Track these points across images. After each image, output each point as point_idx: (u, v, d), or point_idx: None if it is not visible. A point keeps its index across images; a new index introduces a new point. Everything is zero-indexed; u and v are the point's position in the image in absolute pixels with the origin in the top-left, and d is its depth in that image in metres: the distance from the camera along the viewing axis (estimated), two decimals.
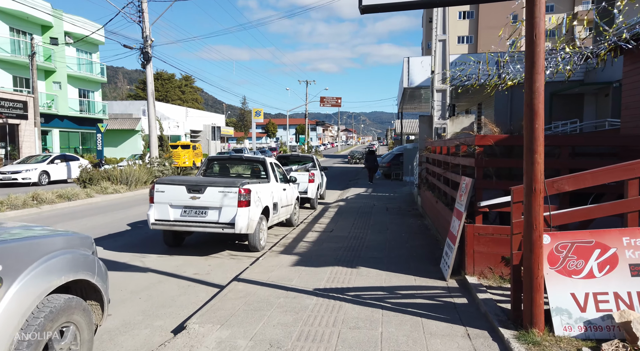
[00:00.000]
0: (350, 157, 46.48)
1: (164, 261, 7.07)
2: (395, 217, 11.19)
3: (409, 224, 10.14)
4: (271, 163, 9.21)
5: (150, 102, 19.26)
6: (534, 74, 3.79)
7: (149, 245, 8.21)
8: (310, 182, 13.23)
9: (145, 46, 18.82)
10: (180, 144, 36.33)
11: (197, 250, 7.92)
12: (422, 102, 30.65)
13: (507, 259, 5.41)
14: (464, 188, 5.85)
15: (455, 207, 6.16)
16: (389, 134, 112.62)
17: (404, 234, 8.90)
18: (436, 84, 12.70)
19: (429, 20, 63.03)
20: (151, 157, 19.24)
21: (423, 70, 21.50)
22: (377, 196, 16.34)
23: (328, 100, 46.47)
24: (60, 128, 34.67)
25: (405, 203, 14.03)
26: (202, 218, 7.22)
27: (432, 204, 9.45)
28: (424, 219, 10.80)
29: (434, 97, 12.78)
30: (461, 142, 6.14)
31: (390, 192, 17.57)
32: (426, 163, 11.56)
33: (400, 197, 16.03)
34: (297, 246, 7.89)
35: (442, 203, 7.80)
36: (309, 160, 15.24)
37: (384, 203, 14.26)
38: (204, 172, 9.22)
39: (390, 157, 25.40)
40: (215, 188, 7.19)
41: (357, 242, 8.19)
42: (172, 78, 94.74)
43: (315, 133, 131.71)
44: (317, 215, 11.88)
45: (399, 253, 7.24)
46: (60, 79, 34.15)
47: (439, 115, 12.75)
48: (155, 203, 7.33)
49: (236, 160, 9.42)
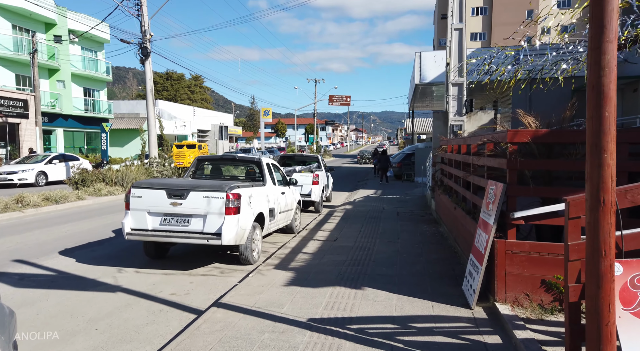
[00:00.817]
0: (360, 156, 45.37)
1: (140, 277, 6.14)
2: (407, 223, 10.16)
3: (423, 232, 9.10)
4: (268, 164, 8.24)
5: (149, 100, 18.43)
6: (603, 42, 2.75)
7: (129, 256, 7.29)
8: (315, 183, 12.25)
9: (144, 41, 18.00)
10: (186, 144, 35.61)
11: (182, 262, 6.98)
12: (433, 99, 29.51)
13: (550, 283, 4.38)
14: (492, 195, 4.82)
15: (480, 217, 5.13)
16: (399, 134, 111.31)
17: (418, 244, 7.86)
18: (452, 77, 11.64)
19: (441, 17, 61.66)
20: (150, 156, 18.42)
21: (436, 66, 20.40)
22: (387, 199, 15.29)
23: (337, 99, 45.41)
24: (64, 128, 34.15)
25: (418, 207, 12.97)
26: (184, 228, 6.28)
27: (448, 210, 8.41)
28: (439, 226, 9.74)
29: (449, 92, 11.71)
30: (489, 139, 5.10)
31: (401, 194, 16.51)
32: (441, 164, 10.51)
33: (411, 199, 14.97)
34: (295, 258, 6.91)
35: (463, 210, 6.75)
36: (313, 160, 14.25)
37: (394, 206, 13.22)
38: (193, 173, 8.28)
39: (401, 157, 24.31)
40: (199, 193, 6.24)
41: (364, 253, 7.18)
42: (181, 78, 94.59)
43: (325, 133, 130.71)
44: (321, 221, 10.89)
45: (413, 270, 6.22)
46: (64, 78, 33.62)
47: (454, 111, 11.69)
48: (132, 210, 6.39)
49: (229, 160, 8.45)
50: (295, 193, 9.68)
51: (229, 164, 8.75)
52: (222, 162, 8.52)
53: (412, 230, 9.35)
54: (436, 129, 12.18)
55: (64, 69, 33.38)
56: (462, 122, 11.62)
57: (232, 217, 6.23)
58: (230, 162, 8.61)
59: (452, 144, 8.60)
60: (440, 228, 9.47)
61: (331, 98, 45.47)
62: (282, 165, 14.47)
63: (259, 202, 7.15)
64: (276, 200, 8.10)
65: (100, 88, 38.42)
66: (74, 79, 34.66)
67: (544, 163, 4.52)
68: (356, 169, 35.15)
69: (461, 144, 7.40)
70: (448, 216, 8.47)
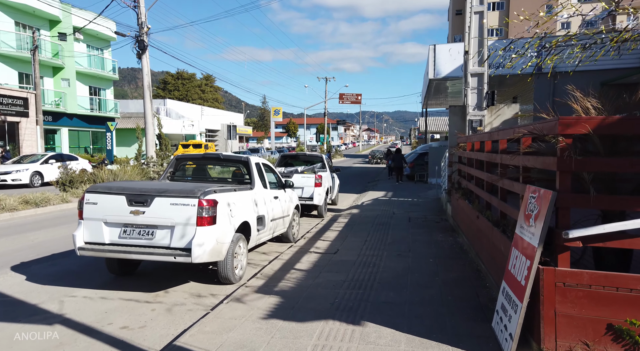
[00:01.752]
0: (371, 156, 44.06)
1: (93, 303, 5.04)
2: (420, 231, 8.93)
3: (438, 242, 7.86)
4: (258, 164, 7.10)
5: (146, 96, 17.48)
6: None
7: (92, 272, 6.21)
8: (317, 185, 11.08)
9: (140, 34, 17.03)
10: (192, 143, 34.80)
11: (151, 280, 5.88)
12: (448, 96, 28.14)
13: (620, 330, 3.15)
14: (533, 205, 3.60)
15: (516, 234, 3.92)
16: (412, 133, 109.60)
17: (432, 259, 6.64)
18: (471, 66, 10.36)
19: (455, 13, 59.96)
20: (147, 156, 17.46)
21: (451, 59, 19.09)
22: (398, 202, 14.06)
23: (347, 97, 44.17)
24: (69, 127, 33.54)
25: (432, 212, 11.72)
26: (147, 241, 5.17)
27: (468, 218, 7.18)
28: (456, 235, 8.50)
29: (467, 83, 10.44)
30: (529, 131, 3.86)
31: (414, 197, 15.25)
32: (459, 164, 9.26)
33: (425, 203, 13.71)
34: (284, 277, 5.76)
35: (488, 220, 5.53)
36: (317, 160, 13.09)
37: (405, 211, 11.99)
38: (172, 175, 7.17)
39: (414, 157, 23.01)
40: (165, 199, 5.12)
41: (368, 271, 5.99)
42: (192, 77, 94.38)
43: (337, 132, 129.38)
44: (323, 227, 9.72)
45: (426, 295, 5.02)
46: (69, 76, 32.99)
47: (474, 105, 10.41)
48: (85, 220, 5.30)
49: (212, 159, 7.30)
50: (293, 198, 8.53)
51: (213, 164, 7.61)
52: (204, 161, 7.39)
53: (425, 240, 8.12)
54: (453, 125, 10.91)
55: (68, 67, 32.76)
56: (482, 117, 10.35)
57: (205, 228, 5.11)
58: (214, 162, 7.47)
59: (472, 141, 7.35)
60: (459, 238, 8.23)
61: (341, 96, 44.25)
62: (284, 165, 13.35)
63: (243, 208, 6.02)
64: (267, 205, 6.96)
65: (106, 87, 37.79)
66: (79, 77, 34.04)
67: (616, 163, 3.27)
68: (367, 169, 33.89)
69: (485, 140, 6.17)
70: (468, 225, 7.23)
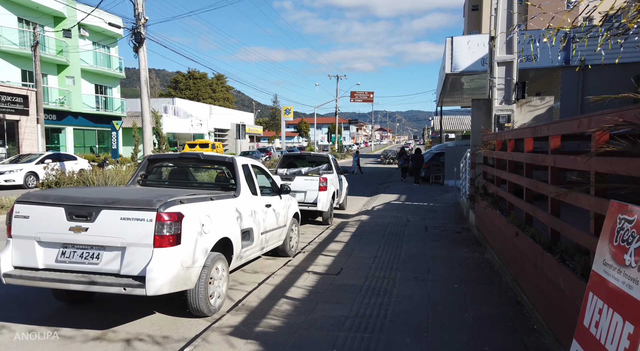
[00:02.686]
0: (384, 156, 42.69)
1: (17, 347, 3.90)
2: (439, 244, 7.66)
3: (462, 259, 6.59)
4: (245, 166, 5.91)
5: (143, 92, 16.45)
6: None
7: (35, 300, 5.09)
8: (322, 189, 9.87)
9: (137, 25, 16.00)
10: (199, 143, 33.88)
11: (106, 311, 4.73)
12: (464, 94, 26.74)
13: None
14: (631, 234, 2.34)
15: (597, 274, 2.64)
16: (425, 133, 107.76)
17: (458, 285, 5.37)
18: (498, 53, 9.04)
19: (472, 8, 58.08)
20: (144, 155, 16.43)
21: (470, 52, 17.75)
22: (412, 206, 12.77)
23: (359, 95, 42.84)
24: (74, 126, 32.86)
25: (451, 219, 10.42)
26: (92, 266, 4.01)
27: (501, 231, 5.90)
28: (483, 250, 7.21)
29: (494, 73, 9.12)
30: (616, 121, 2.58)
31: (430, 201, 13.94)
32: (484, 166, 7.97)
33: (442, 208, 12.40)
34: (270, 311, 4.55)
35: (535, 242, 4.25)
36: (322, 160, 11.87)
37: (421, 217, 10.71)
38: (143, 179, 6.02)
39: (429, 157, 21.64)
40: (114, 213, 3.97)
41: (377, 303, 4.76)
42: (203, 77, 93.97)
43: (349, 132, 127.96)
44: (327, 237, 8.51)
45: (455, 343, 3.77)
46: (74, 74, 32.31)
47: (501, 98, 9.09)
48: (14, 238, 4.17)
49: (191, 160, 6.11)
50: (291, 205, 7.34)
51: (193, 166, 6.43)
52: (182, 162, 6.21)
53: (446, 255, 6.85)
54: (476, 122, 9.61)
55: (73, 65, 32.07)
56: (510, 112, 9.03)
57: (166, 250, 3.94)
58: (193, 163, 6.28)
59: (505, 138, 6.07)
60: (486, 253, 6.94)
61: (353, 94, 42.93)
62: (287, 166, 12.16)
63: (223, 221, 4.84)
64: (256, 216, 5.78)
65: (112, 85, 37.07)
66: (84, 75, 33.35)
67: None
68: (379, 170, 32.57)
69: (526, 137, 4.88)
70: (501, 240, 5.95)
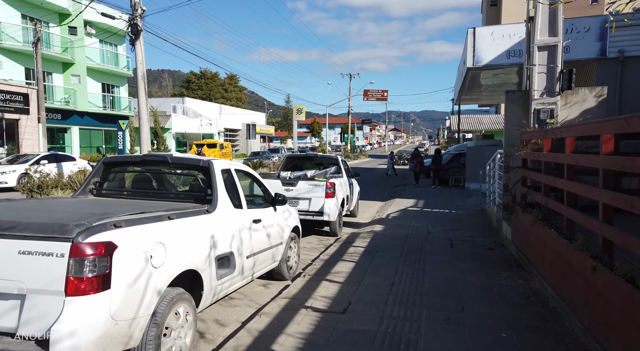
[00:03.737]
0: (398, 157, 41.14)
1: None
2: (471, 267, 6.25)
3: (504, 291, 5.19)
4: (226, 171, 4.61)
5: (140, 88, 15.32)
6: None
7: None
8: (329, 196, 8.53)
9: (133, 17, 14.89)
10: (206, 143, 32.80)
11: None
12: (482, 92, 25.17)
13: None
14: None
15: None
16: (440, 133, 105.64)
17: (507, 334, 3.97)
18: (539, 36, 7.59)
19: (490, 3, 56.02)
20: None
21: (494, 44, 16.28)
22: (432, 214, 11.35)
23: (372, 94, 41.36)
24: (80, 126, 32.10)
25: (479, 231, 8.99)
26: None
27: (559, 258, 4.49)
28: (527, 275, 5.78)
29: (533, 60, 7.67)
30: None
31: (451, 207, 12.49)
32: (524, 170, 6.55)
33: (467, 216, 10.95)
34: None
35: (636, 287, 2.86)
36: (330, 162, 10.54)
37: (444, 228, 9.31)
38: (97, 187, 4.75)
39: (448, 158, 20.13)
40: (9, 244, 2.70)
41: None
42: (215, 76, 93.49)
43: (362, 132, 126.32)
44: (334, 254, 7.17)
45: None
46: (80, 72, 31.54)
47: (542, 90, 7.64)
48: None
49: (157, 163, 4.77)
50: (289, 218, 6.02)
51: (158, 171, 5.06)
52: (145, 166, 4.89)
53: (482, 284, 5.45)
54: (511, 117, 8.16)
55: (79, 63, 31.29)
56: (553, 106, 7.57)
57: (86, 299, 2.66)
58: (160, 167, 4.93)
59: (563, 136, 4.66)
60: (533, 281, 5.52)
61: (366, 93, 41.45)
62: (291, 168, 10.86)
63: (186, 248, 3.56)
64: (240, 236, 4.48)
65: (120, 84, 36.26)
66: (90, 74, 32.57)
67: None
68: None
69: (605, 134, 3.48)
70: (560, 270, 4.53)
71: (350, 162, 44.49)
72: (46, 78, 29.64)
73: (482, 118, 43.52)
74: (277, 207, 5.66)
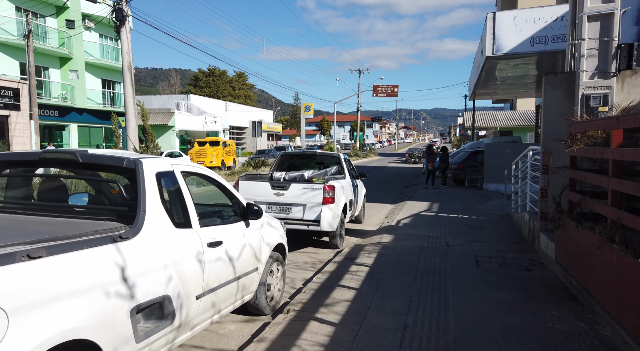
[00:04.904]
0: (409, 155, 39.51)
1: None
2: (507, 298, 4.76)
3: (562, 341, 3.70)
4: (165, 175, 3.20)
5: (126, 80, 14.02)
6: None
7: None
8: (327, 202, 7.08)
9: (119, 2, 13.59)
10: (209, 141, 31.51)
11: None
12: (499, 86, 23.47)
13: None
14: None
15: None
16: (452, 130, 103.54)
17: None
18: (588, 3, 6.05)
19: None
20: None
21: (517, 30, 14.64)
22: (448, 220, 9.85)
23: (382, 89, 39.74)
24: (79, 123, 31.05)
25: (507, 242, 7.47)
26: None
27: None
28: (589, 314, 4.28)
29: (582, 33, 6.13)
30: None
31: (470, 212, 10.97)
32: (576, 172, 5.05)
33: (489, 223, 9.43)
34: None
35: None
36: (332, 161, 9.11)
37: (464, 239, 7.82)
38: None
39: (464, 156, 18.55)
40: None
41: None
42: (223, 74, 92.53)
43: (372, 130, 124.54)
44: (330, 277, 5.72)
45: None
46: (78, 67, 30.45)
47: (592, 69, 6.11)
48: None
49: (61, 163, 3.21)
50: (269, 234, 4.60)
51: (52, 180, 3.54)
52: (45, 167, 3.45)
53: (529, 330, 3.97)
54: (551, 105, 6.62)
55: (77, 58, 30.21)
56: (607, 90, 6.04)
57: None
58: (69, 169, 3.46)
59: None
60: (601, 325, 4.02)
61: (376, 88, 39.84)
62: (287, 168, 9.43)
63: (73, 302, 2.15)
64: (185, 268, 3.07)
65: (121, 80, 35.10)
66: (89, 69, 31.46)
67: None
68: (404, 170, 29.54)
69: None
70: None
71: (359, 161, 42.95)
72: (42, 73, 28.61)
73: (497, 115, 41.66)
74: (250, 220, 4.24)
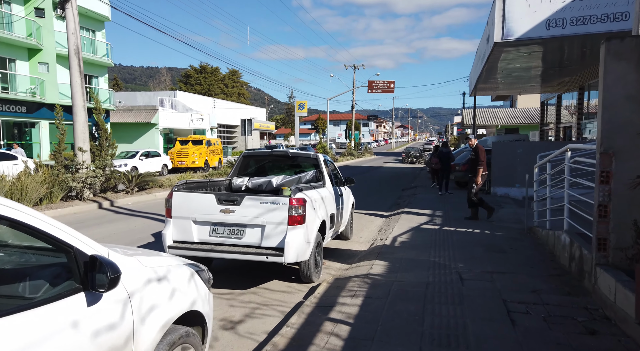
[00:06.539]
0: (406, 155, 37.53)
1: None
2: None
3: None
4: None
5: (73, 66, 11.96)
6: None
7: None
8: (294, 222, 4.98)
9: None
10: (191, 139, 29.29)
11: None
12: (501, 81, 21.54)
13: None
14: None
15: None
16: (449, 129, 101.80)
17: None
18: None
19: None
20: (76, 155, 11.95)
21: (530, 12, 12.68)
22: (456, 236, 7.80)
23: (378, 85, 37.71)
24: (50, 120, 28.78)
25: (541, 274, 5.44)
26: None
27: None
28: None
29: None
30: None
31: (481, 225, 8.92)
32: None
33: (509, 241, 7.39)
34: None
35: None
36: (308, 163, 7.04)
37: (481, 267, 5.78)
38: None
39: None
40: None
41: None
42: (216, 71, 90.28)
43: (368, 129, 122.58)
44: (291, 345, 3.67)
45: None
46: (48, 60, 28.21)
47: None
48: None
49: None
50: (156, 302, 2.53)
51: None
52: None
53: None
54: (613, 85, 4.59)
55: (47, 49, 27.97)
56: None
57: None
58: None
59: None
60: None
61: (371, 84, 37.80)
62: (254, 172, 7.34)
63: None
64: None
65: (99, 75, 32.96)
66: (62, 62, 29.19)
67: None
68: (400, 171, 27.54)
69: None
70: None
71: (354, 160, 40.89)
72: (8, 66, 26.37)
73: (497, 112, 39.77)
74: (97, 282, 2.17)
